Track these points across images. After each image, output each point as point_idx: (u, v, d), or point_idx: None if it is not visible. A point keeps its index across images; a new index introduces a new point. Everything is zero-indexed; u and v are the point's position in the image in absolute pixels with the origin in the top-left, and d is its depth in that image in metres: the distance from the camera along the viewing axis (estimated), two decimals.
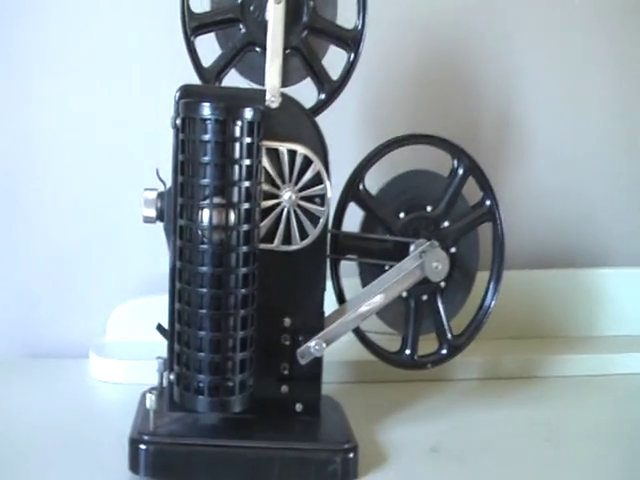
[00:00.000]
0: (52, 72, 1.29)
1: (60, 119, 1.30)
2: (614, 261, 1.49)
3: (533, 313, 1.41)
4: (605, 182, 1.50)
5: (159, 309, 1.03)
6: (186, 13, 1.00)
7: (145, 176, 1.00)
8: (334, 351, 1.04)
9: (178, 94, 0.95)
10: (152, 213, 0.98)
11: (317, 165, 0.98)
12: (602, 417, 1.19)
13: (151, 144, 1.22)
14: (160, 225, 0.99)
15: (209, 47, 1.02)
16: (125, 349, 1.26)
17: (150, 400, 0.94)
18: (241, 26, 1.01)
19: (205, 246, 0.90)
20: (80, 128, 1.30)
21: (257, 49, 1.01)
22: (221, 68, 1.02)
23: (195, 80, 1.01)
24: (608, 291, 1.44)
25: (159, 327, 1.00)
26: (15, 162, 1.30)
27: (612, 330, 1.44)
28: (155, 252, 1.11)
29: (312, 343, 0.99)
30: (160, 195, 0.98)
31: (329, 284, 1.04)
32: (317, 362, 1.01)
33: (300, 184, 0.98)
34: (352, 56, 1.04)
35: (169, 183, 0.97)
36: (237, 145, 0.90)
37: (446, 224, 1.09)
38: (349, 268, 1.08)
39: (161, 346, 1.00)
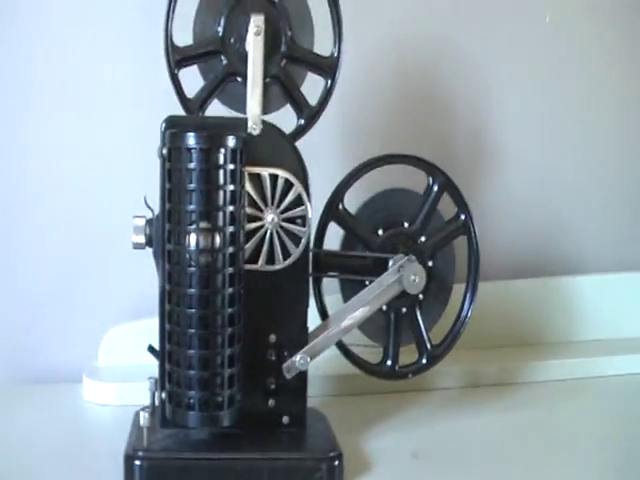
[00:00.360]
0: (42, 104, 1.30)
1: (52, 150, 1.30)
2: (587, 268, 1.51)
3: (511, 322, 1.43)
4: (577, 193, 1.52)
5: (149, 332, 1.05)
6: (170, 47, 1.01)
7: (133, 204, 1.01)
8: (318, 365, 1.06)
9: (164, 125, 0.97)
10: (141, 239, 0.99)
11: (298, 188, 1.00)
12: (582, 419, 1.21)
13: (138, 173, 1.18)
14: (149, 251, 1.00)
15: (193, 78, 1.03)
16: (117, 372, 1.27)
17: (144, 418, 0.96)
18: (222, 57, 1.02)
19: (192, 269, 0.92)
20: (70, 159, 1.31)
21: (238, 79, 1.03)
22: (204, 99, 1.03)
23: (180, 110, 1.02)
24: (583, 297, 1.46)
25: (150, 348, 1.02)
26: (7, 191, 1.31)
27: (588, 335, 1.46)
28: (144, 277, 1.13)
29: (297, 358, 1.01)
30: (148, 222, 1.00)
31: (312, 301, 1.06)
32: (302, 376, 1.02)
33: (282, 206, 1.00)
34: (329, 82, 1.06)
35: (157, 210, 0.99)
36: (221, 172, 0.92)
37: (423, 239, 1.10)
38: (331, 285, 1.10)
39: (152, 367, 1.01)
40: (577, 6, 1.49)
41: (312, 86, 1.07)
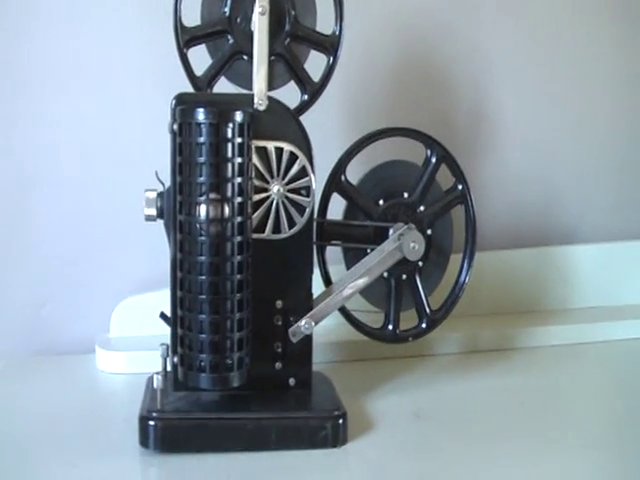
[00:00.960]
0: (52, 81, 1.31)
1: (61, 128, 1.32)
2: (582, 238, 1.52)
3: (508, 291, 1.45)
4: (571, 165, 1.53)
5: (156, 304, 1.09)
6: (179, 27, 1.04)
7: (142, 178, 1.03)
8: (322, 332, 1.10)
9: (174, 102, 1.00)
10: (153, 212, 1.03)
11: (302, 160, 1.03)
12: (577, 382, 1.24)
13: (147, 148, 1.24)
14: (158, 225, 1.04)
15: (200, 57, 1.06)
16: (128, 342, 1.29)
17: (157, 380, 0.99)
18: (229, 37, 1.05)
19: (203, 238, 0.95)
20: (81, 135, 1.32)
21: (244, 57, 1.05)
22: (212, 76, 1.06)
23: (189, 88, 1.05)
24: (579, 266, 1.48)
25: (162, 315, 1.04)
26: (19, 168, 1.32)
27: (584, 302, 1.49)
28: (151, 251, 1.19)
29: (302, 322, 1.04)
30: (160, 195, 1.03)
31: (316, 269, 1.09)
32: (307, 340, 1.06)
33: (287, 178, 1.03)
34: (331, 60, 1.09)
35: (167, 184, 1.02)
36: (229, 145, 0.95)
37: (422, 209, 1.13)
38: (334, 255, 1.13)
39: (160, 337, 1.05)
40: None
41: (315, 63, 1.09)
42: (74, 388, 1.20)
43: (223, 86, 1.08)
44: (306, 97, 1.09)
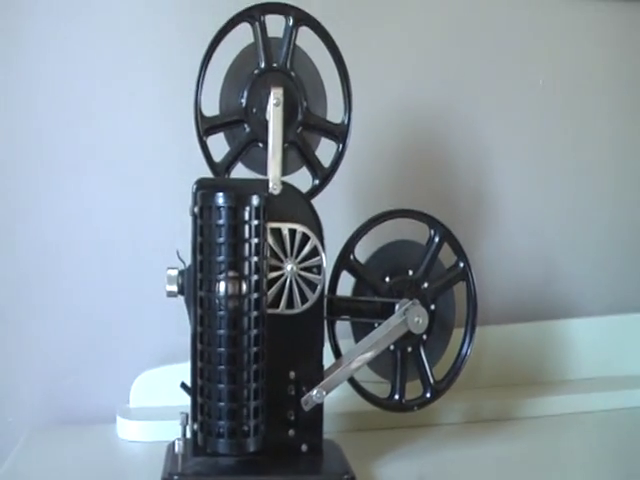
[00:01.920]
0: (78, 161, 1.35)
1: (85, 207, 1.36)
2: (581, 312, 1.55)
3: (509, 363, 1.47)
4: (571, 242, 1.57)
5: (175, 377, 1.13)
6: (199, 116, 1.09)
7: (162, 256, 1.10)
8: (332, 404, 1.13)
9: (195, 187, 1.05)
10: (174, 288, 1.07)
11: (314, 241, 1.08)
12: (576, 449, 1.28)
13: (167, 229, 1.30)
14: (176, 301, 1.08)
15: (219, 144, 1.11)
16: (147, 412, 1.33)
17: (179, 445, 1.04)
18: (245, 126, 1.10)
19: (222, 312, 1.00)
20: (108, 217, 1.37)
21: (260, 145, 1.10)
22: (230, 162, 1.10)
23: (207, 173, 1.09)
24: (577, 339, 1.51)
25: (183, 385, 1.09)
26: (42, 241, 1.35)
27: (582, 374, 1.51)
28: (170, 327, 1.24)
29: (314, 392, 1.08)
30: (181, 272, 1.07)
31: (327, 342, 1.13)
32: (319, 408, 1.09)
33: (300, 257, 1.07)
34: (341, 146, 1.13)
35: (187, 262, 1.06)
36: (246, 227, 1.00)
37: (425, 285, 1.17)
38: (343, 330, 1.17)
39: (177, 408, 1.09)
40: (569, 70, 1.55)
41: (325, 150, 1.14)
42: (96, 455, 1.23)
43: (240, 171, 1.12)
44: (317, 182, 1.13)
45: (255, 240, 1.02)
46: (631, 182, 1.61)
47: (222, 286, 1.01)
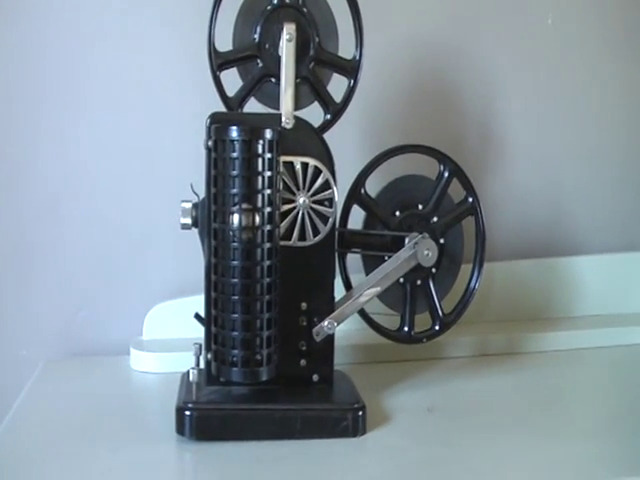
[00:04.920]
0: (93, 101, 1.37)
1: (99, 142, 1.38)
2: (586, 249, 1.56)
3: (516, 300, 1.49)
4: (577, 179, 1.58)
5: (187, 310, 1.15)
6: (212, 52, 1.10)
7: (174, 189, 1.11)
8: (343, 336, 1.16)
9: (209, 120, 1.06)
10: (188, 220, 1.09)
11: (326, 174, 1.09)
12: (578, 382, 1.29)
13: (180, 162, 1.33)
14: (189, 235, 1.10)
15: (232, 79, 1.12)
16: (160, 344, 1.35)
17: (193, 374, 1.06)
18: (258, 61, 1.11)
19: (235, 244, 1.02)
20: (122, 151, 1.39)
21: (272, 80, 1.11)
22: (243, 97, 1.11)
23: (221, 108, 1.10)
24: (582, 276, 1.53)
25: (197, 315, 1.11)
26: (54, 176, 1.37)
27: (588, 310, 1.53)
28: (183, 259, 1.26)
29: (325, 323, 1.10)
30: (194, 205, 1.09)
31: (338, 275, 1.14)
32: (330, 339, 1.11)
33: (312, 190, 1.09)
34: (352, 82, 1.14)
35: (201, 195, 1.08)
36: (260, 160, 1.02)
37: (435, 219, 1.19)
38: (354, 263, 1.18)
39: (189, 340, 1.12)
40: (579, 5, 1.55)
41: (337, 85, 1.15)
42: (110, 386, 1.26)
43: (253, 106, 1.13)
44: (329, 116, 1.15)
45: (268, 173, 1.03)
46: None
47: (236, 218, 1.02)
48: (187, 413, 1.05)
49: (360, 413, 1.07)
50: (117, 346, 1.38)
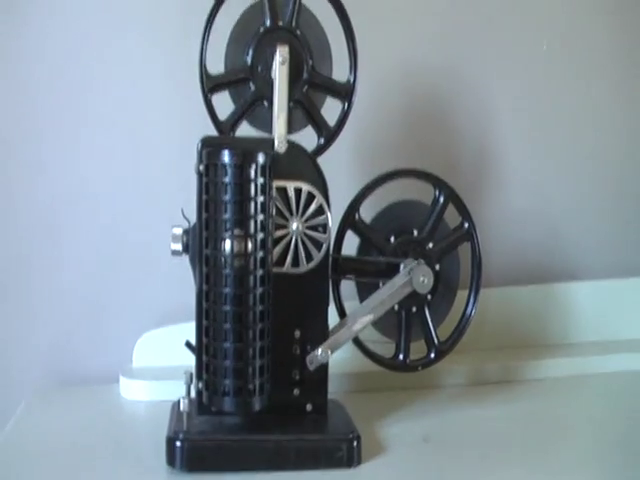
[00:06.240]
0: (85, 121, 1.36)
1: (89, 166, 1.36)
2: (582, 275, 1.55)
3: (512, 326, 1.48)
4: (573, 204, 1.57)
5: (177, 337, 1.14)
6: (204, 74, 1.08)
7: (166, 215, 1.09)
8: (337, 364, 1.13)
9: (200, 144, 1.04)
10: (179, 247, 1.07)
11: (319, 199, 1.08)
12: (577, 411, 1.27)
13: (172, 187, 1.30)
14: (180, 261, 1.08)
15: (224, 103, 1.10)
16: (150, 372, 1.34)
17: (184, 404, 1.03)
18: (251, 84, 1.09)
19: (227, 271, 1.00)
20: (113, 175, 1.37)
21: (265, 103, 1.09)
22: (235, 121, 1.10)
23: (213, 132, 1.09)
24: (578, 302, 1.52)
25: (187, 343, 1.09)
26: (47, 201, 1.36)
27: (584, 337, 1.52)
28: (173, 286, 1.25)
29: (319, 351, 1.09)
30: (185, 231, 1.07)
31: (332, 301, 1.13)
32: (323, 368, 1.10)
33: (305, 216, 1.08)
34: (346, 106, 1.13)
35: (192, 220, 1.06)
36: (252, 185, 1.00)
37: (430, 245, 1.17)
38: (348, 291, 1.17)
39: (179, 368, 1.10)
40: (573, 30, 1.55)
41: (331, 109, 1.13)
42: (100, 415, 1.23)
43: (245, 130, 1.12)
44: (322, 141, 1.13)
45: (261, 198, 1.01)
46: (636, 138, 1.61)
47: (228, 244, 1.00)
48: (178, 444, 1.03)
49: (355, 443, 1.05)
50: (107, 374, 1.36)
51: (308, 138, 1.12)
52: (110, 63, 1.36)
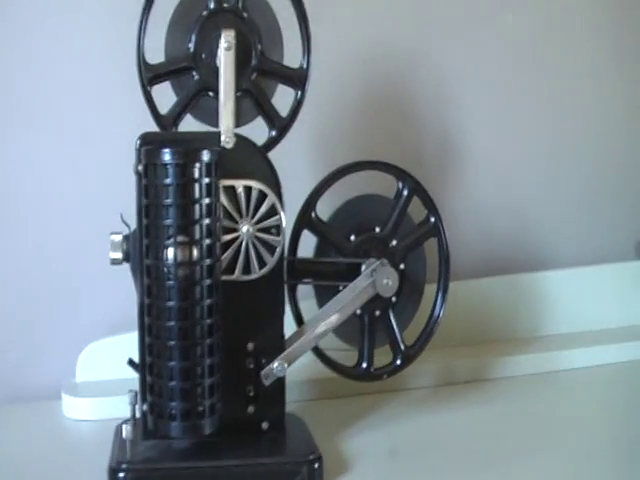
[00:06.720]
0: (11, 121, 1.30)
1: (24, 167, 1.31)
2: (551, 264, 1.54)
3: (480, 319, 1.45)
4: (539, 192, 1.56)
5: (124, 347, 1.09)
6: (142, 65, 1.02)
7: (107, 220, 1.03)
8: (294, 371, 1.07)
9: (139, 142, 0.98)
10: (119, 255, 1.01)
11: (271, 198, 1.01)
12: (550, 410, 1.25)
13: (112, 189, 1.22)
14: (124, 267, 1.02)
15: (165, 95, 1.05)
16: (95, 387, 1.27)
17: (126, 430, 0.96)
18: (194, 73, 1.04)
19: (171, 282, 0.93)
20: (42, 177, 1.31)
21: (210, 94, 1.04)
22: (177, 114, 1.04)
23: (153, 127, 1.03)
24: (548, 292, 1.50)
25: (130, 361, 1.02)
26: None
27: (555, 329, 1.50)
28: (119, 293, 1.16)
29: (275, 364, 1.03)
30: (125, 238, 1.01)
31: (288, 308, 1.08)
32: (280, 382, 1.04)
33: (256, 217, 1.01)
34: (299, 93, 1.08)
35: (133, 226, 1.00)
36: (197, 186, 0.93)
37: (394, 243, 1.12)
38: (306, 290, 1.12)
39: (128, 382, 1.04)
40: (543, 9, 1.53)
41: (283, 98, 1.09)
42: (40, 436, 1.18)
43: (189, 124, 1.06)
44: (274, 133, 1.08)
45: (206, 200, 0.95)
46: (604, 127, 1.60)
47: (171, 252, 0.94)
48: (121, 475, 0.96)
49: (316, 465, 1.00)
50: (47, 389, 1.30)
51: (258, 131, 1.07)
52: (43, 48, 1.30)
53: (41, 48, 1.30)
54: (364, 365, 1.13)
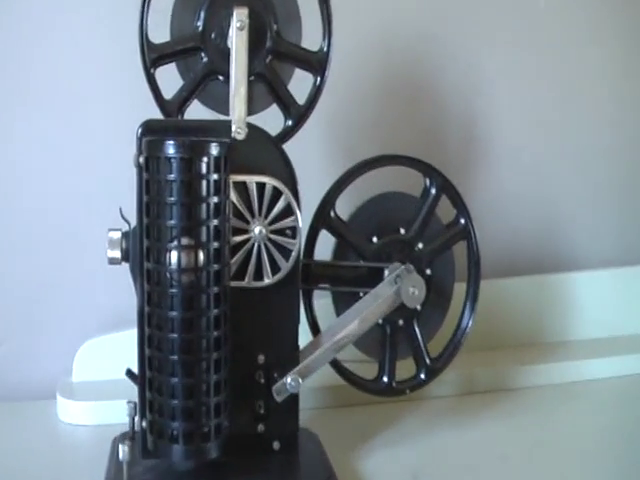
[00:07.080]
0: (11, 110, 1.27)
1: (20, 161, 1.28)
2: (580, 264, 1.51)
3: (503, 322, 1.42)
4: (570, 190, 1.53)
5: (124, 344, 1.07)
6: (145, 44, 0.98)
7: (108, 215, 0.98)
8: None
9: (140, 130, 0.93)
10: (117, 254, 0.96)
11: (287, 196, 0.96)
12: (583, 427, 1.20)
13: (114, 183, 1.20)
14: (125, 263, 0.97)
15: (171, 78, 1.01)
16: (93, 388, 1.24)
17: (123, 452, 0.91)
18: (202, 55, 1.00)
19: (174, 289, 0.88)
20: (40, 168, 1.28)
21: (220, 78, 1.00)
22: (183, 100, 1.00)
23: (157, 113, 1.00)
24: (576, 294, 1.46)
25: (128, 372, 0.98)
26: None
27: (584, 334, 1.45)
28: (118, 289, 1.11)
29: (288, 379, 0.98)
30: (125, 235, 0.96)
31: (303, 315, 1.04)
32: (294, 398, 0.99)
33: (270, 217, 0.97)
34: (318, 79, 1.03)
35: (133, 222, 0.95)
36: (204, 183, 0.88)
37: (420, 246, 1.09)
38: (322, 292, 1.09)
39: (128, 383, 0.99)
40: None
41: (300, 84, 1.05)
42: (32, 442, 1.14)
43: (196, 111, 1.02)
44: (290, 122, 1.04)
45: (215, 199, 0.89)
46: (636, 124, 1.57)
47: (174, 256, 0.88)
48: None
49: None
50: (42, 388, 1.27)
51: (273, 120, 1.03)
52: (40, 30, 1.27)
53: (42, 32, 1.27)
54: (385, 379, 1.10)
